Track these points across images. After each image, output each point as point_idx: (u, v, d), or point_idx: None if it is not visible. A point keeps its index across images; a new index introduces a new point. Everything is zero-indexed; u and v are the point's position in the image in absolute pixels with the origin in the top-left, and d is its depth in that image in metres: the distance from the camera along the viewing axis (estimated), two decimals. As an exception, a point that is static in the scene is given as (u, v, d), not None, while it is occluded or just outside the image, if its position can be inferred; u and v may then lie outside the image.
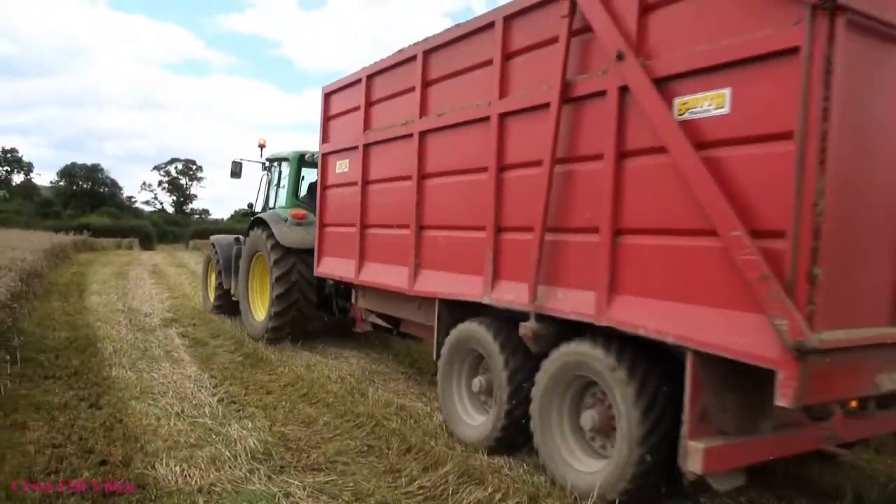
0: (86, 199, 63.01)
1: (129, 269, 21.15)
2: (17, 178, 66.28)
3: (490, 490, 4.17)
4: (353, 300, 7.73)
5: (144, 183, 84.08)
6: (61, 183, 65.98)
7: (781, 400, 3.01)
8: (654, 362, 3.77)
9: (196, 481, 4.30)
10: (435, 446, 4.96)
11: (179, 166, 73.58)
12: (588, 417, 4.08)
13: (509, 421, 4.64)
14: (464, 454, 4.83)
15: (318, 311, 8.96)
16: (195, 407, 5.97)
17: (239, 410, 6.00)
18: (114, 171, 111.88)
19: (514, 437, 4.66)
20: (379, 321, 7.44)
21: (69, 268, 20.10)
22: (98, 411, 5.77)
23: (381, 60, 6.55)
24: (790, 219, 3.00)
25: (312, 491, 4.22)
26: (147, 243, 43.06)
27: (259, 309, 9.31)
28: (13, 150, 65.03)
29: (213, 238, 11.43)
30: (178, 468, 4.46)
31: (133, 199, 71.51)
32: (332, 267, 7.60)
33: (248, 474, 4.44)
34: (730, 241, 3.22)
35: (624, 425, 3.74)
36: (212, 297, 11.32)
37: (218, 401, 6.19)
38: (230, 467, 4.54)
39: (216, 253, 10.89)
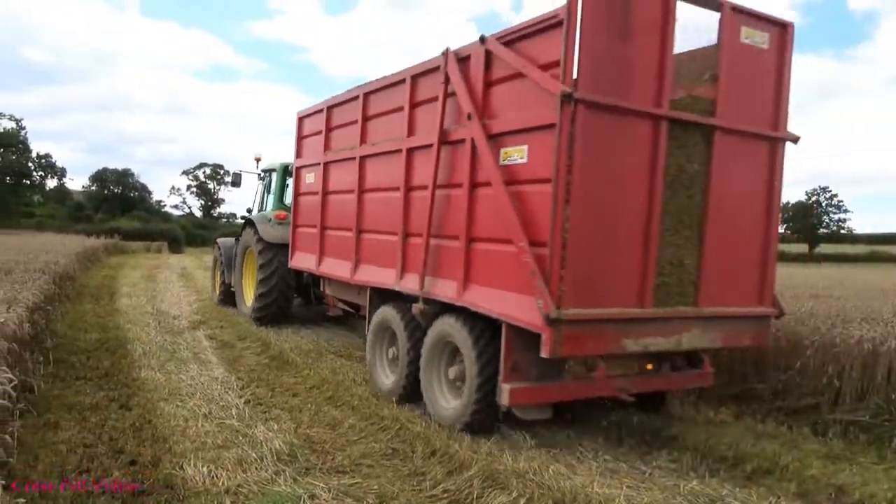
0: (116, 203, 66.82)
1: (157, 272, 22.10)
2: (51, 183, 69.78)
3: (515, 495, 4.42)
4: (321, 288, 9.71)
5: (173, 187, 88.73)
6: (93, 187, 70.09)
7: (543, 353, 4.79)
8: (488, 330, 5.56)
9: (223, 482, 4.54)
10: (459, 450, 5.20)
11: (207, 171, 77.43)
12: (453, 371, 5.92)
13: (408, 374, 6.48)
14: (488, 458, 5.08)
15: (297, 298, 11.14)
16: (222, 408, 6.29)
17: (265, 412, 6.30)
18: (143, 175, 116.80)
19: (413, 390, 6.47)
20: (345, 306, 9.37)
21: (100, 271, 21.14)
22: (128, 412, 6.08)
23: (337, 96, 8.53)
24: (552, 234, 4.78)
25: (337, 493, 4.46)
26: (176, 247, 45.28)
27: (249, 295, 11.44)
28: (47, 156, 67.27)
29: (219, 240, 13.63)
30: (205, 469, 4.71)
31: (162, 203, 75.63)
32: (301, 260, 9.68)
33: (274, 476, 4.70)
34: (519, 248, 5.02)
35: (469, 373, 5.58)
36: (217, 290, 13.50)
37: (245, 402, 6.55)
38: (256, 469, 4.82)
39: (220, 252, 13.07)
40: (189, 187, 78.13)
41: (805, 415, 6.59)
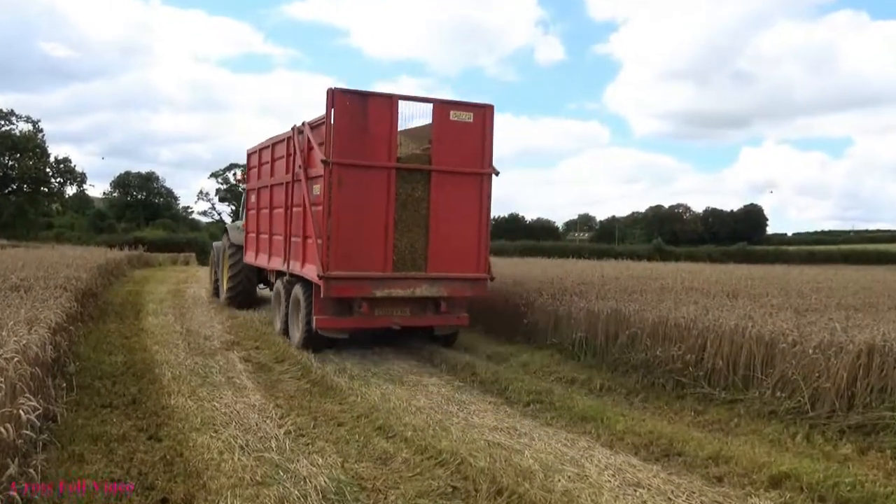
0: (140, 210, 75.64)
1: (186, 286, 24.37)
2: (70, 190, 73.72)
3: None
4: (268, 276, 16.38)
5: (201, 192, 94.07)
6: (115, 193, 79.20)
7: (322, 294, 11.08)
8: (312, 289, 11.84)
9: (262, 524, 4.81)
10: (530, 489, 5.40)
11: (238, 173, 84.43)
12: (299, 315, 12.30)
13: (284, 319, 12.95)
14: (564, 498, 5.35)
15: (264, 287, 17.90)
16: (260, 440, 6.72)
17: (308, 444, 6.70)
18: (168, 178, 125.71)
19: (286, 329, 12.85)
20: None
21: (124, 286, 23.52)
22: (158, 444, 6.49)
23: (262, 143, 15.29)
24: (323, 232, 11.09)
25: (391, 537, 4.69)
26: (204, 257, 49.06)
27: (224, 285, 18.31)
28: (66, 160, 70.84)
29: (214, 244, 21.14)
30: None
31: (189, 210, 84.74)
32: (251, 256, 16.55)
33: (319, 517, 4.91)
34: (314, 241, 11.36)
35: (301, 314, 11.99)
36: (211, 284, 20.63)
37: (285, 433, 6.98)
38: (299, 509, 5.05)
39: (215, 253, 20.37)
40: (218, 191, 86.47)
41: None
